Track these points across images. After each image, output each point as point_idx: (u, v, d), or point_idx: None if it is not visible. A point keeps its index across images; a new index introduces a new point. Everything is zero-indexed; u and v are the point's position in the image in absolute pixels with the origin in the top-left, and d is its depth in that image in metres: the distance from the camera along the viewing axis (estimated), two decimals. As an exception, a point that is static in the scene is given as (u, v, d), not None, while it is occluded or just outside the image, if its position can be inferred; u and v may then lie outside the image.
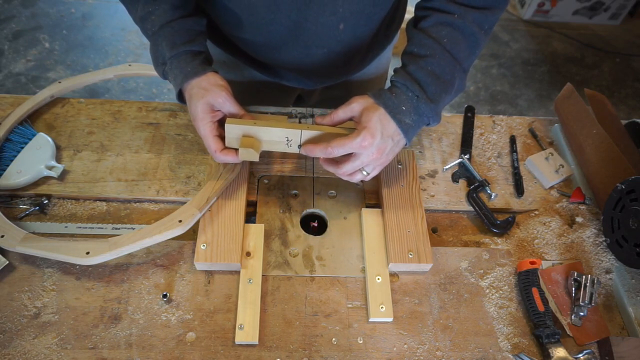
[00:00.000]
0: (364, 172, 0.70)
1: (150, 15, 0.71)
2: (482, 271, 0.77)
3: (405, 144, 0.72)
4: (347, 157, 0.69)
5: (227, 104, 0.70)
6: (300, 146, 0.72)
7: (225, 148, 0.71)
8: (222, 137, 0.71)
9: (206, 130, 0.70)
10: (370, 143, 0.66)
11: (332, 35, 0.78)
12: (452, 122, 0.97)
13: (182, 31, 0.71)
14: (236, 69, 0.97)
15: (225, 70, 0.96)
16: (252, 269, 0.72)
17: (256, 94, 1.00)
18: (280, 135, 0.71)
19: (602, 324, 0.73)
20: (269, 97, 1.00)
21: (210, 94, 0.69)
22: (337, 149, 0.67)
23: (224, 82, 0.71)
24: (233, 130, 0.70)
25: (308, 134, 0.71)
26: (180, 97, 0.74)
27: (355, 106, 0.70)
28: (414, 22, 0.75)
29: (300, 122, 0.92)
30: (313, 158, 0.87)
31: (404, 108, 0.68)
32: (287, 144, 0.72)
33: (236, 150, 0.71)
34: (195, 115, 0.70)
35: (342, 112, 0.72)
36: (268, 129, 0.70)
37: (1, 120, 0.85)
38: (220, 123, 0.73)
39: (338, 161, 0.70)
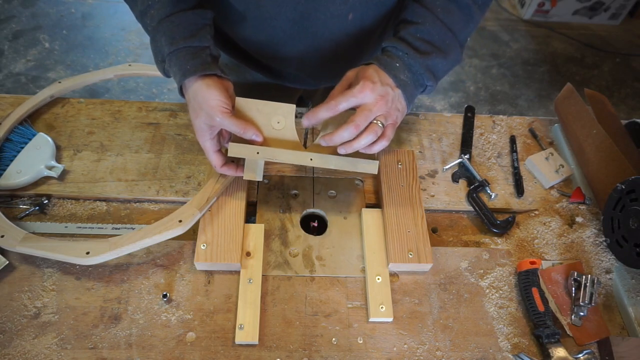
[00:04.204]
0: (379, 124, 0.67)
1: (149, 10, 0.69)
2: (482, 271, 0.77)
3: (407, 107, 0.71)
4: (356, 113, 0.67)
5: (225, 123, 0.67)
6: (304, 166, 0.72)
7: (226, 163, 0.72)
8: (223, 150, 0.72)
9: (206, 146, 0.70)
10: (371, 89, 0.66)
11: (340, 26, 0.78)
12: (452, 122, 0.97)
13: (183, 25, 0.68)
14: (237, 72, 0.97)
15: (226, 73, 0.96)
16: (252, 269, 0.72)
17: (257, 96, 0.99)
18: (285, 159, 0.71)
19: (602, 324, 0.73)
20: (270, 98, 0.99)
21: (203, 115, 0.67)
22: (340, 102, 0.66)
23: (218, 100, 0.66)
24: (235, 153, 0.70)
25: (316, 160, 0.70)
26: (183, 92, 0.72)
27: (350, 74, 0.72)
28: None
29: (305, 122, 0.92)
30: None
31: (397, 65, 0.69)
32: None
33: (237, 163, 0.73)
34: (195, 127, 0.70)
35: (339, 86, 0.72)
36: (271, 160, 0.70)
37: (1, 120, 0.85)
38: (220, 133, 0.73)
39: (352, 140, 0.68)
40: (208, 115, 0.67)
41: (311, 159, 0.70)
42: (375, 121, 0.67)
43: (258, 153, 0.69)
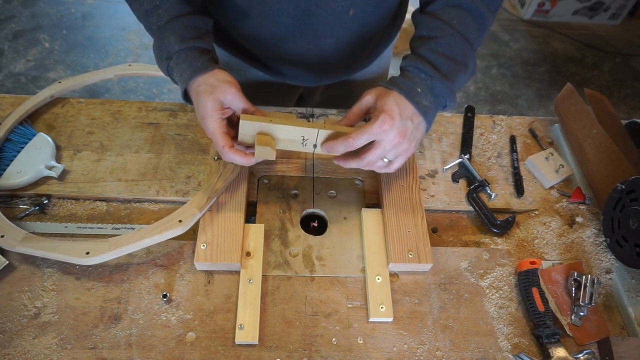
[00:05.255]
0: (385, 160, 0.67)
1: (156, 9, 0.70)
2: (482, 271, 0.77)
3: (427, 129, 0.70)
4: (369, 146, 0.67)
5: (237, 100, 0.68)
6: (315, 146, 0.69)
7: (233, 147, 0.68)
8: (231, 135, 0.69)
9: (214, 126, 0.67)
10: (390, 125, 0.64)
11: (341, 22, 0.78)
12: (452, 122, 0.97)
13: (191, 27, 0.70)
14: (239, 70, 0.97)
15: (228, 72, 0.96)
16: (252, 269, 0.72)
17: (257, 95, 1.00)
18: (296, 134, 0.68)
19: (602, 324, 0.73)
20: (270, 97, 0.99)
21: (218, 90, 0.67)
22: (358, 138, 0.65)
23: (231, 79, 0.69)
24: (248, 127, 0.67)
25: (325, 133, 0.68)
26: (186, 95, 0.71)
27: (368, 98, 0.69)
28: (421, 7, 0.75)
29: (309, 121, 0.91)
30: (313, 157, 0.87)
31: (419, 90, 0.67)
32: (303, 143, 0.70)
33: (245, 151, 0.69)
34: (203, 113, 0.67)
35: (357, 108, 0.70)
36: (285, 127, 0.67)
37: (1, 120, 0.85)
38: (229, 121, 0.70)
39: (358, 153, 0.68)
40: (222, 90, 0.66)
41: (324, 127, 0.68)
42: (382, 158, 0.67)
43: (271, 121, 0.67)
